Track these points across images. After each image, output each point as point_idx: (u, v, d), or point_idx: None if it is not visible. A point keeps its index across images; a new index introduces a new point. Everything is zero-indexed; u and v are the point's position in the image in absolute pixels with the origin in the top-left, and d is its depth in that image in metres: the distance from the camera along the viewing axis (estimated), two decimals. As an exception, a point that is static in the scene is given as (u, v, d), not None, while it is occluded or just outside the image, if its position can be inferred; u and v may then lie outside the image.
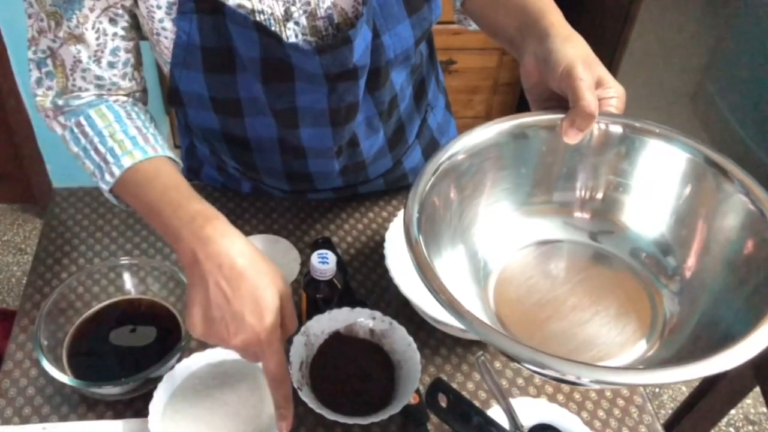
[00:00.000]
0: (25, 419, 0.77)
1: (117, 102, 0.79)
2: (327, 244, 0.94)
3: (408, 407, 0.76)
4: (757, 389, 1.13)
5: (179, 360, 0.76)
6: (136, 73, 0.81)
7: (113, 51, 0.77)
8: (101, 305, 0.83)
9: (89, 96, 0.79)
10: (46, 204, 2.07)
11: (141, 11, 0.74)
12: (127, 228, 0.98)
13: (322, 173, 0.94)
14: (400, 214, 0.98)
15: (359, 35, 0.74)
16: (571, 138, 0.63)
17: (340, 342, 0.79)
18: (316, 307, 0.80)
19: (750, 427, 1.73)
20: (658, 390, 1.79)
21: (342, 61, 0.75)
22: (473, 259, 0.66)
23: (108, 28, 0.75)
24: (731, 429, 1.72)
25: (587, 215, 0.69)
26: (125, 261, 0.85)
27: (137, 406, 0.78)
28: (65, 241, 0.96)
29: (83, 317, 0.82)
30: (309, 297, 0.80)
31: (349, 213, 1.02)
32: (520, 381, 0.83)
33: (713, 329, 0.57)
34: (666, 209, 0.66)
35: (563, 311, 0.63)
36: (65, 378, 0.73)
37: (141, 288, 0.85)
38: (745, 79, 1.96)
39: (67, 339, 0.79)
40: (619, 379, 0.49)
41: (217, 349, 0.77)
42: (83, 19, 0.73)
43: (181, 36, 0.74)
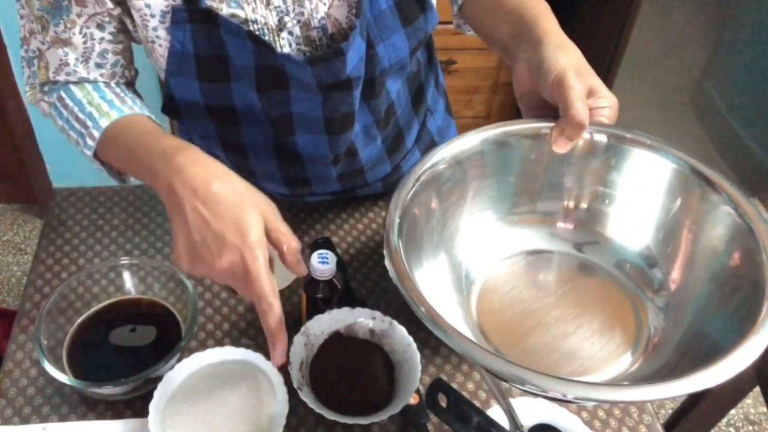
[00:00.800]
0: (25, 419, 0.77)
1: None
2: (327, 244, 0.94)
3: (408, 407, 0.76)
4: (757, 389, 1.13)
5: (179, 360, 0.76)
6: (126, 72, 0.82)
7: (101, 54, 0.78)
8: (101, 305, 0.83)
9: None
10: (46, 204, 2.08)
11: (135, 19, 0.74)
12: (127, 228, 0.98)
13: (319, 178, 0.94)
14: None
15: (352, 47, 0.73)
16: (561, 147, 0.63)
17: (340, 342, 0.79)
18: (316, 307, 0.80)
19: (750, 427, 1.73)
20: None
21: (335, 73, 0.75)
22: (456, 269, 0.65)
23: (95, 32, 0.76)
24: (731, 429, 1.72)
25: (571, 226, 0.68)
26: (125, 261, 0.85)
27: (137, 406, 0.78)
28: (65, 241, 0.96)
29: (83, 317, 0.82)
30: (309, 297, 0.80)
31: (349, 213, 1.02)
32: (520, 381, 0.83)
33: (699, 342, 0.56)
34: (651, 221, 0.65)
35: (546, 323, 0.62)
36: (65, 378, 0.73)
37: (141, 288, 0.85)
38: (745, 80, 1.96)
39: (67, 339, 0.79)
40: (603, 396, 0.47)
41: (217, 349, 0.77)
42: (70, 24, 0.74)
43: (176, 45, 0.74)
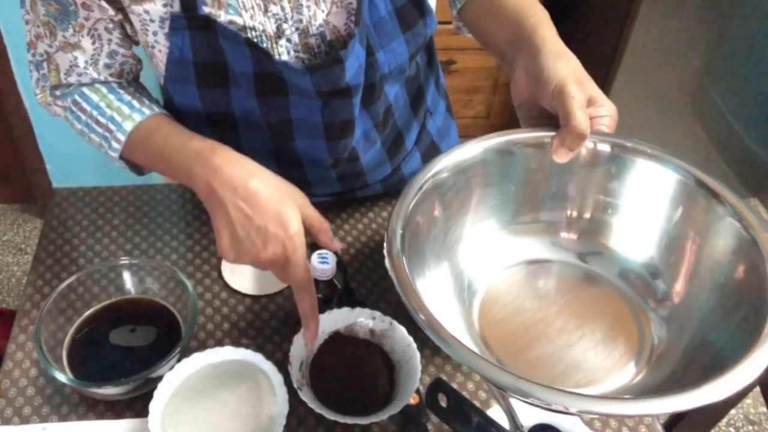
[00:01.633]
0: (25, 419, 0.77)
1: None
2: (327, 244, 0.94)
3: (408, 407, 0.76)
4: (757, 389, 1.13)
5: (179, 360, 0.76)
6: (134, 68, 0.83)
7: (110, 54, 0.78)
8: (101, 305, 0.83)
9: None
10: (46, 204, 2.08)
11: (135, 25, 0.74)
12: (127, 228, 0.98)
13: (319, 181, 0.94)
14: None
15: (351, 55, 0.73)
16: (561, 157, 0.62)
17: (340, 342, 0.79)
18: (316, 307, 0.80)
19: (750, 427, 1.73)
20: (658, 390, 1.79)
21: (334, 80, 0.75)
22: (458, 278, 0.65)
23: (104, 35, 0.76)
24: (731, 429, 1.72)
25: (575, 235, 0.68)
26: (125, 261, 0.85)
27: (137, 406, 0.78)
28: (65, 241, 0.96)
29: (83, 317, 0.82)
30: (309, 297, 0.80)
31: (349, 213, 1.02)
32: (520, 381, 0.83)
33: (704, 353, 0.56)
34: (655, 232, 0.65)
35: (549, 334, 0.62)
36: (65, 378, 0.73)
37: (141, 288, 0.85)
38: (746, 80, 1.96)
39: (67, 339, 0.79)
40: (611, 410, 0.46)
41: (217, 349, 0.77)
42: (79, 28, 0.74)
43: (174, 51, 0.74)
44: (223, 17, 0.72)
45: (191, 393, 0.75)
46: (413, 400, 0.77)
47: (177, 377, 0.75)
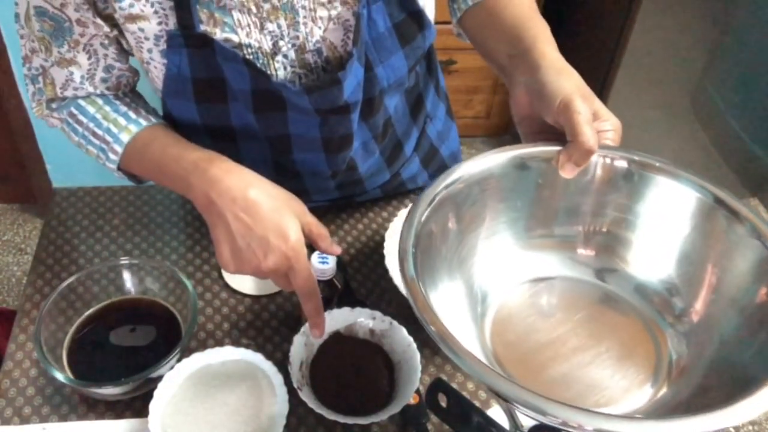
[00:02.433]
0: (25, 419, 0.77)
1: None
2: (327, 244, 0.94)
3: (408, 407, 0.76)
4: (757, 389, 1.13)
5: (179, 360, 0.76)
6: (130, 80, 0.83)
7: (106, 68, 0.78)
8: (101, 305, 0.83)
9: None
10: (46, 204, 2.08)
11: (130, 42, 0.74)
12: (127, 228, 0.98)
13: (317, 189, 0.95)
14: (399, 213, 0.98)
15: (349, 75, 0.73)
16: (568, 172, 0.62)
17: (340, 342, 0.79)
18: (316, 307, 0.80)
19: (750, 427, 1.73)
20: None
21: (332, 100, 0.75)
22: (470, 293, 0.63)
23: (99, 50, 0.76)
24: (731, 429, 1.72)
25: (589, 252, 0.66)
26: (125, 261, 0.85)
27: (137, 406, 0.78)
28: (65, 241, 0.96)
29: (83, 317, 0.82)
30: (309, 297, 0.80)
31: (349, 213, 1.02)
32: (520, 381, 0.83)
33: (728, 373, 0.54)
34: (673, 250, 0.63)
35: (564, 353, 0.60)
36: (65, 378, 0.73)
37: (141, 288, 0.85)
38: (745, 80, 1.96)
39: (67, 339, 0.79)
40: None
41: (217, 349, 0.77)
42: (74, 44, 0.74)
43: (172, 69, 0.74)
44: (219, 35, 0.71)
45: (191, 393, 0.75)
46: (413, 400, 0.77)
47: (177, 377, 0.75)
